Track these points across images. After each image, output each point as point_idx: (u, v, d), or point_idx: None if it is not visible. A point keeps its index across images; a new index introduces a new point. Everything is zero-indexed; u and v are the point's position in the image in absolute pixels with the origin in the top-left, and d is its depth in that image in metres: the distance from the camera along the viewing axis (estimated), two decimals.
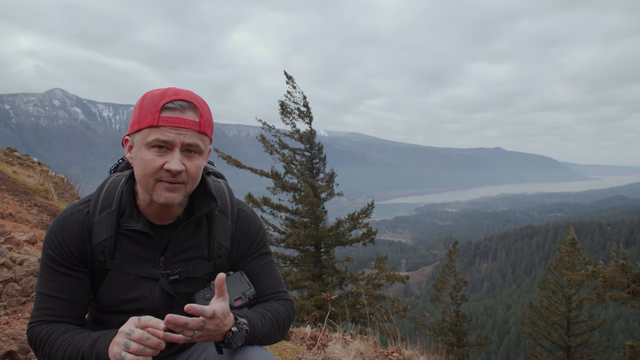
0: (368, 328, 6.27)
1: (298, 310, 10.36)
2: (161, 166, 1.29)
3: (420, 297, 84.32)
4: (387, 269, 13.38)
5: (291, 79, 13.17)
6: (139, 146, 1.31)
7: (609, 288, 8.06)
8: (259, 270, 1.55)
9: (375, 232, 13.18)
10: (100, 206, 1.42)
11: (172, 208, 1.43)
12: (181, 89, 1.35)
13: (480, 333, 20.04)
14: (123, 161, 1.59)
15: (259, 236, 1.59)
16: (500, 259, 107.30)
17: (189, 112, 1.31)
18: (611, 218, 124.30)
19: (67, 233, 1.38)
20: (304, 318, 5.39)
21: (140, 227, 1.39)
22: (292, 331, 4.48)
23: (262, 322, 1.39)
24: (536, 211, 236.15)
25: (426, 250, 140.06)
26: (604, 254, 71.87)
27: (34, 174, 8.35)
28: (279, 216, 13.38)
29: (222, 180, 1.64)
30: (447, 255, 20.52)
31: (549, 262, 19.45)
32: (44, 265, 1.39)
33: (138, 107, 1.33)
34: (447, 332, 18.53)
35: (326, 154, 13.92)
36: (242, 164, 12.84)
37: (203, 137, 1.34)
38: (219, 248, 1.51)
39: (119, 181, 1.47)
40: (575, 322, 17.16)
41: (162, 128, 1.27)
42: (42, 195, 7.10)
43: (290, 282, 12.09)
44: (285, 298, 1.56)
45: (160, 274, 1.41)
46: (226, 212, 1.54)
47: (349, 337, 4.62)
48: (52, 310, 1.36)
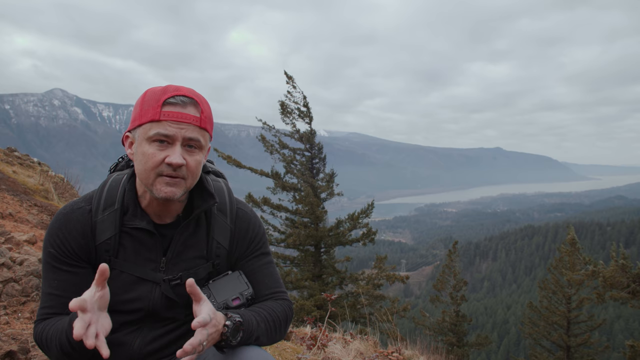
0: (368, 328, 6.28)
1: (298, 310, 10.35)
2: (162, 160, 1.29)
3: (420, 297, 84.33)
4: (387, 269, 13.38)
5: (291, 78, 13.17)
6: (140, 141, 1.32)
7: (609, 288, 8.06)
8: (257, 271, 1.54)
9: (375, 232, 13.19)
10: (103, 205, 1.42)
11: (172, 205, 1.43)
12: (182, 86, 1.36)
13: (480, 333, 20.04)
14: (123, 160, 1.59)
15: (258, 236, 1.58)
16: (500, 259, 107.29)
17: (190, 107, 1.32)
18: (611, 218, 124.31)
19: (69, 230, 1.38)
20: (304, 318, 5.39)
21: (145, 225, 1.39)
22: (292, 331, 4.48)
23: (256, 320, 1.38)
24: (536, 211, 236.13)
25: (426, 250, 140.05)
26: (604, 254, 71.90)
27: (34, 174, 8.35)
28: (279, 216, 13.38)
29: (221, 180, 1.63)
30: (447, 255, 20.53)
31: (549, 262, 19.45)
32: (45, 264, 1.38)
33: (139, 102, 1.34)
34: (447, 332, 18.53)
35: (326, 154, 13.93)
36: (242, 164, 12.85)
37: (203, 133, 1.36)
38: (218, 247, 1.50)
39: (121, 180, 1.47)
40: (575, 322, 17.15)
41: (164, 122, 1.29)
42: (42, 195, 7.10)
43: (290, 282, 12.09)
44: (283, 298, 1.54)
45: (162, 280, 1.41)
46: (225, 211, 1.54)
47: (349, 337, 4.62)
48: (54, 309, 1.36)
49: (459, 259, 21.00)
